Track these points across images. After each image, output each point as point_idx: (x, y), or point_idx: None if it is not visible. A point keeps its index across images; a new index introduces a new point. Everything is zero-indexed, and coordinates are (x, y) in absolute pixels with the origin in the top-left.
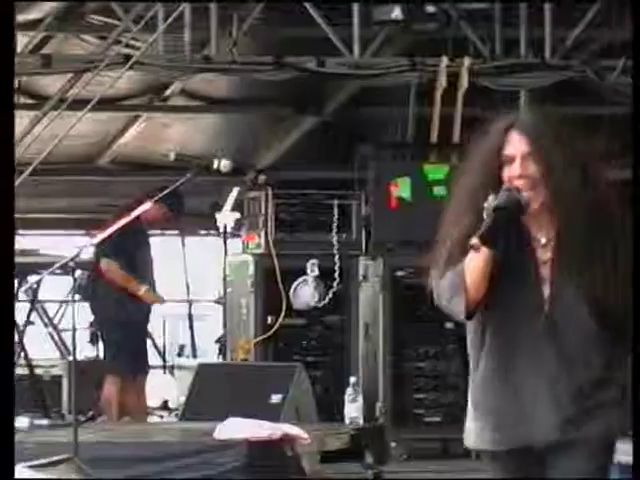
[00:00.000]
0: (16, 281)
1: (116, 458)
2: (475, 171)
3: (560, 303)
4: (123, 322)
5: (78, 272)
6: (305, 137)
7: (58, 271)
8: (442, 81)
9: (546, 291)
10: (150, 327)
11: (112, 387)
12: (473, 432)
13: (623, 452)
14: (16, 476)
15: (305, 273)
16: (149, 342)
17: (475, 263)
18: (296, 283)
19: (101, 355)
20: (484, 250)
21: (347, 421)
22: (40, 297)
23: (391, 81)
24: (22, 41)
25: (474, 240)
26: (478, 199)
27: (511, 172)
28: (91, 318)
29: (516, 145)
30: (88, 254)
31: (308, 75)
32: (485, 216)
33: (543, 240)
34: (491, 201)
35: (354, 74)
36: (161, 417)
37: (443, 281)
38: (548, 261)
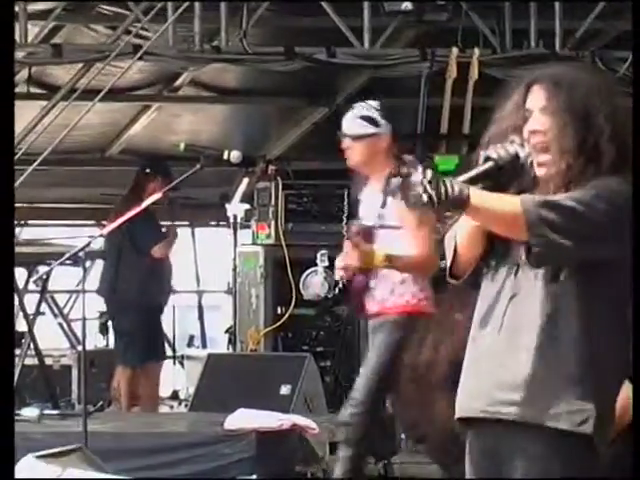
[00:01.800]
0: (26, 271)
1: (125, 448)
2: (499, 124)
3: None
4: (141, 307)
5: (88, 262)
6: (315, 128)
7: (68, 261)
8: (452, 72)
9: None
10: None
11: (123, 377)
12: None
13: None
14: (25, 465)
15: (315, 264)
16: None
17: (464, 219)
18: (306, 273)
19: (111, 345)
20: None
21: None
22: (50, 287)
23: (401, 72)
24: (33, 31)
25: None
26: None
27: (528, 126)
28: (102, 307)
29: (535, 98)
30: (98, 244)
31: (318, 66)
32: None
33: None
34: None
35: (364, 65)
36: (171, 407)
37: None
38: None
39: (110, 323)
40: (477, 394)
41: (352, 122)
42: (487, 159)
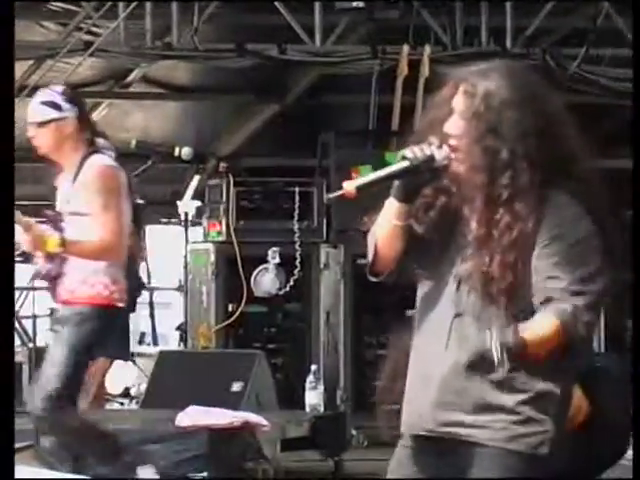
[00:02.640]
0: None
1: None
2: (426, 117)
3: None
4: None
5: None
6: (266, 125)
7: (18, 258)
8: (403, 69)
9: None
10: None
11: (100, 369)
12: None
13: None
14: None
15: (266, 261)
16: None
17: (381, 216)
18: (257, 271)
19: None
20: (392, 203)
21: (308, 409)
22: None
23: (352, 69)
24: None
25: (351, 183)
26: None
27: (445, 127)
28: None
29: (458, 99)
30: None
31: (270, 63)
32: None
33: (474, 214)
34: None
35: (316, 62)
36: (122, 404)
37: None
38: (478, 237)
39: None
40: (426, 412)
41: (34, 108)
42: (403, 158)
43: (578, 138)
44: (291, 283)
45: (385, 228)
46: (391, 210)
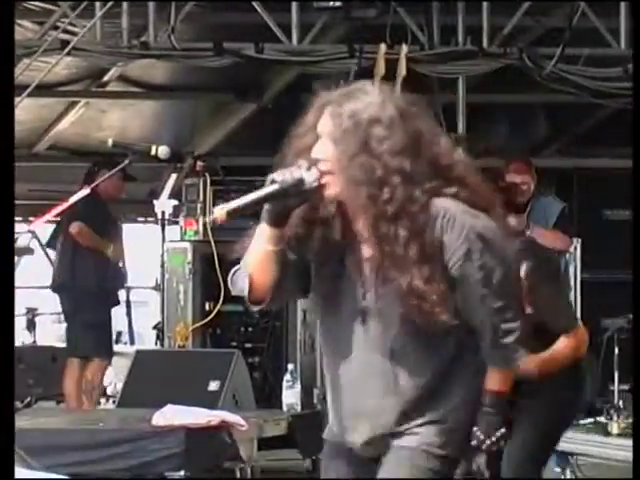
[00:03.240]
0: None
1: (54, 445)
2: (293, 144)
3: (382, 304)
4: (101, 298)
5: (16, 259)
6: (244, 124)
7: None
8: (380, 68)
9: (367, 291)
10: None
11: (99, 370)
12: None
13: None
14: None
15: None
16: None
17: (254, 242)
18: (234, 270)
19: (39, 341)
20: (263, 228)
21: (285, 408)
22: None
23: (330, 68)
24: None
25: (221, 208)
26: None
27: (314, 151)
28: (29, 304)
29: (324, 122)
30: (25, 240)
31: (247, 61)
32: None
33: (365, 234)
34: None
35: (293, 61)
36: (99, 403)
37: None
38: (370, 258)
39: (66, 317)
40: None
41: None
42: (272, 182)
43: (451, 148)
44: None
45: (258, 254)
46: (263, 235)
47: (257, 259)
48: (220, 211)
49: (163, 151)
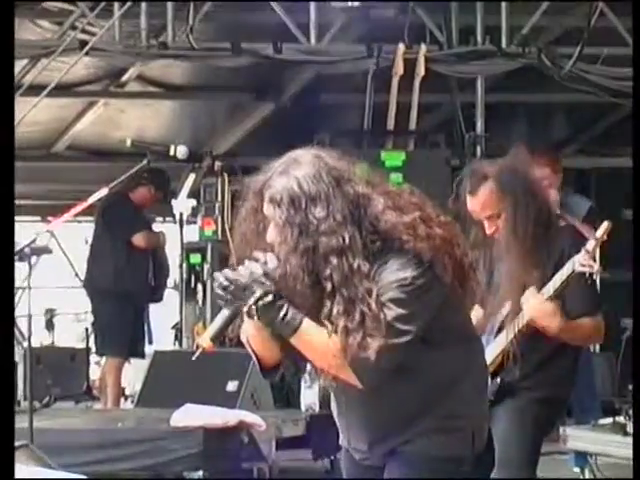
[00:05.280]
0: None
1: (72, 444)
2: (239, 231)
3: None
4: (118, 296)
5: (34, 258)
6: (262, 124)
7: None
8: (399, 68)
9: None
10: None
11: (111, 368)
12: None
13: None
14: None
15: None
16: None
17: (247, 326)
18: None
19: (57, 341)
20: (248, 321)
21: (303, 408)
22: None
23: (348, 68)
24: None
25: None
26: None
27: (269, 236)
28: (47, 304)
29: (267, 209)
30: (44, 240)
31: (265, 61)
32: None
33: (337, 310)
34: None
35: (311, 61)
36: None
37: None
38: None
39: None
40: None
41: None
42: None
43: (392, 204)
44: None
45: (254, 337)
46: (250, 325)
47: (255, 341)
48: (204, 341)
49: (181, 151)
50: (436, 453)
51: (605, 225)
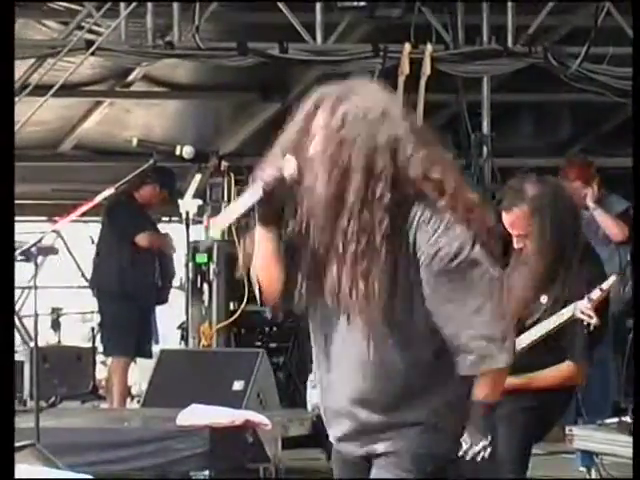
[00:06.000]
0: None
1: (78, 444)
2: (285, 141)
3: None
4: (121, 296)
5: (40, 258)
6: (268, 123)
7: (20, 257)
8: (405, 68)
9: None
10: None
11: (117, 368)
12: None
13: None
14: None
15: None
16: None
17: (257, 246)
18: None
19: (63, 341)
20: (260, 230)
21: (309, 407)
22: None
23: (354, 68)
24: None
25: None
26: None
27: (312, 149)
28: (54, 303)
29: (317, 120)
30: (50, 240)
31: (271, 61)
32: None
33: (350, 231)
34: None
35: (317, 60)
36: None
37: None
38: (355, 252)
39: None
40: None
41: None
42: (254, 190)
43: (428, 157)
44: None
45: (260, 254)
46: (260, 236)
47: (260, 260)
48: (215, 227)
49: (187, 151)
50: (424, 451)
51: (613, 278)
